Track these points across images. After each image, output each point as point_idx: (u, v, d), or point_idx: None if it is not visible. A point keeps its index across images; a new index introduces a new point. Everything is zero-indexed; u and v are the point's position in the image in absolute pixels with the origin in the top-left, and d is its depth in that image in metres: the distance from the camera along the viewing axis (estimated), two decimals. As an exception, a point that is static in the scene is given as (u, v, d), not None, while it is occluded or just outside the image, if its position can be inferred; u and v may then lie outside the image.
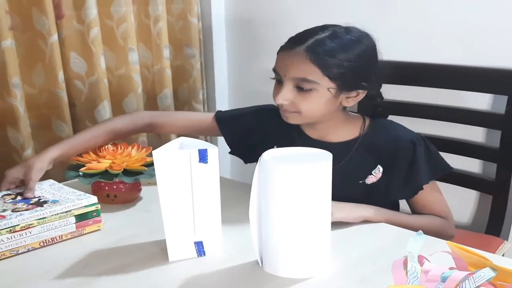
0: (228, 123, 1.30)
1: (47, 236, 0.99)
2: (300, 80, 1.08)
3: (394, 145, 1.14)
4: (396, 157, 1.14)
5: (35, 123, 1.64)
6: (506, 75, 1.42)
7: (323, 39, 1.07)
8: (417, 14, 1.59)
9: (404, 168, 1.14)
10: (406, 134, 1.16)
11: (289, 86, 1.09)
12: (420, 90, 1.57)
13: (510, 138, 1.42)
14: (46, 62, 1.59)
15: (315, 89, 1.08)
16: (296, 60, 1.07)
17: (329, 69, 1.06)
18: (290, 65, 1.09)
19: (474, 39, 1.49)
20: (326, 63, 1.06)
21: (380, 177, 1.16)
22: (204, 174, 0.91)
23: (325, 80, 1.07)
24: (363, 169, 1.16)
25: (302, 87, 1.08)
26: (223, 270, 0.90)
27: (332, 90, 1.08)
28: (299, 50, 1.07)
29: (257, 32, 1.98)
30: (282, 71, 1.10)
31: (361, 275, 0.87)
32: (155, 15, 1.85)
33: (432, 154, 1.16)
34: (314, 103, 1.09)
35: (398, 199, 1.19)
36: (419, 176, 1.13)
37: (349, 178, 1.16)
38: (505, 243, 1.43)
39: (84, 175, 1.17)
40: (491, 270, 0.68)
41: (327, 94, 1.09)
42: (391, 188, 1.16)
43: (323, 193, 0.85)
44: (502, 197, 1.46)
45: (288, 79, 1.09)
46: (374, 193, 1.16)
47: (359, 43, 1.10)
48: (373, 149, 1.15)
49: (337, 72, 1.06)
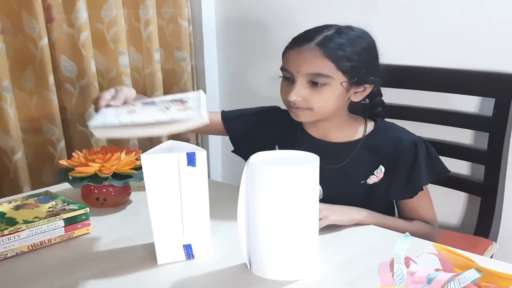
0: (234, 122, 1.32)
1: (35, 240, 0.99)
2: (314, 75, 1.10)
3: (397, 146, 1.16)
4: (398, 158, 1.15)
5: (25, 126, 1.63)
6: (494, 78, 1.44)
7: (332, 35, 1.11)
8: (406, 18, 1.60)
9: (406, 169, 1.15)
10: (408, 136, 1.18)
11: (302, 82, 1.11)
12: (408, 93, 1.58)
13: (498, 140, 1.43)
14: (36, 65, 1.59)
15: (328, 83, 1.10)
16: (309, 56, 1.10)
17: (341, 63, 1.09)
18: (303, 61, 1.10)
19: (462, 42, 1.51)
20: (338, 57, 1.08)
21: (382, 178, 1.17)
22: (192, 177, 0.91)
23: (339, 74, 1.09)
24: (365, 170, 1.17)
25: (317, 82, 1.10)
26: (212, 273, 0.90)
27: (344, 84, 1.10)
28: (310, 47, 1.10)
29: (248, 35, 1.99)
30: (294, 68, 1.12)
31: (349, 277, 0.88)
32: (145, 19, 1.85)
33: (432, 156, 1.17)
34: (327, 98, 1.11)
35: (398, 199, 1.20)
36: (420, 177, 1.15)
37: (351, 178, 1.17)
38: (494, 244, 1.44)
39: (74, 178, 1.16)
40: (476, 272, 0.68)
41: (339, 89, 1.11)
42: (391, 189, 1.17)
43: (310, 196, 0.86)
44: (491, 198, 1.47)
45: (301, 76, 1.11)
46: (374, 193, 1.17)
47: (363, 38, 1.14)
48: (375, 150, 1.17)
49: (349, 66, 1.09)
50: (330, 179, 0.88)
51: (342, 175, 1.15)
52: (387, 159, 1.16)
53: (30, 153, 1.64)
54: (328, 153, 0.88)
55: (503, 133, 1.42)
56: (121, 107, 1.02)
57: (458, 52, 1.52)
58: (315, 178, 0.86)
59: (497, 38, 1.45)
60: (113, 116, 0.93)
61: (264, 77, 1.14)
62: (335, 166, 1.16)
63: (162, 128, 0.89)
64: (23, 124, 1.62)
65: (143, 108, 0.98)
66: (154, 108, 0.97)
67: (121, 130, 0.90)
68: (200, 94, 1.06)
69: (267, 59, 1.20)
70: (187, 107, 0.94)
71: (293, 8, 1.82)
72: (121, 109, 0.99)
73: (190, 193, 0.92)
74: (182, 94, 1.09)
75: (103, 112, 0.99)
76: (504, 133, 1.42)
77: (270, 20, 1.90)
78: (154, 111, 0.93)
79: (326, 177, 0.85)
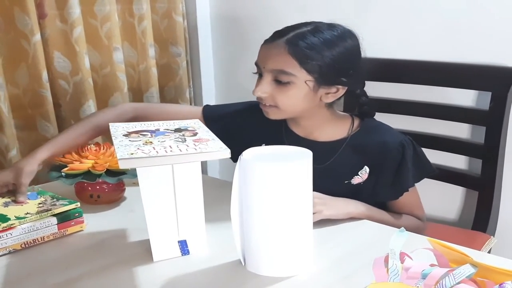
0: (216, 121, 1.28)
1: (28, 237, 0.98)
2: (278, 72, 1.08)
3: (383, 147, 1.14)
4: (385, 159, 1.14)
5: (19, 123, 1.62)
6: (490, 71, 1.43)
7: (304, 33, 1.08)
8: (401, 11, 1.59)
9: (392, 170, 1.14)
10: (395, 136, 1.16)
11: (268, 78, 1.10)
12: (405, 87, 1.58)
13: (494, 134, 1.43)
14: (29, 62, 1.57)
15: (292, 82, 1.08)
16: (275, 52, 1.08)
17: (306, 62, 1.06)
18: (268, 57, 1.09)
19: (458, 36, 1.50)
20: (304, 55, 1.06)
21: (366, 178, 1.15)
22: (186, 173, 0.91)
23: (303, 73, 1.07)
24: (350, 169, 1.16)
25: (280, 80, 1.08)
26: (207, 269, 0.90)
27: (309, 83, 1.08)
28: (279, 43, 1.08)
29: (243, 30, 1.98)
30: (261, 63, 1.11)
31: (344, 272, 0.87)
32: (139, 14, 1.84)
33: (419, 157, 1.16)
34: (291, 96, 1.09)
35: (384, 200, 1.19)
36: (407, 178, 1.14)
37: (335, 178, 1.15)
38: (492, 238, 1.44)
39: (67, 175, 1.16)
40: (471, 267, 0.68)
41: (304, 88, 1.08)
42: (378, 189, 1.16)
43: (304, 191, 0.85)
44: (488, 193, 1.47)
45: (267, 72, 1.10)
46: (359, 194, 1.15)
47: (341, 39, 1.10)
48: (361, 150, 1.15)
49: (315, 65, 1.06)
50: (314, 179, 0.87)
51: (326, 175, 1.13)
52: (373, 160, 1.14)
53: (25, 150, 1.62)
54: (313, 152, 0.87)
55: (500, 127, 1.42)
56: (137, 139, 0.97)
57: (455, 46, 1.51)
58: (308, 174, 0.85)
59: (494, 32, 1.44)
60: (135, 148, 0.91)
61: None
62: (320, 165, 1.14)
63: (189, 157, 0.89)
64: (17, 121, 1.61)
65: (157, 139, 0.97)
66: (171, 140, 0.96)
67: (150, 160, 0.88)
68: (199, 123, 1.08)
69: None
70: (203, 138, 0.96)
71: (287, 2, 1.81)
72: (139, 142, 0.96)
73: (184, 189, 0.91)
74: (179, 121, 1.09)
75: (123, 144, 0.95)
76: (501, 127, 1.42)
77: (265, 14, 1.89)
78: (173, 143, 0.93)
79: None
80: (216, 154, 0.89)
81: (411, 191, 1.16)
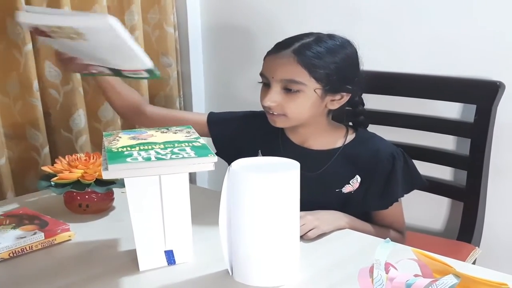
0: (217, 126, 1.33)
1: (16, 246, 0.98)
2: (287, 81, 1.11)
3: (375, 157, 1.16)
4: (375, 169, 1.16)
5: (9, 132, 1.62)
6: (475, 84, 1.46)
7: (309, 43, 1.12)
8: (389, 26, 1.61)
9: (382, 180, 1.16)
10: (387, 147, 1.19)
11: (277, 88, 1.13)
12: (392, 99, 1.60)
13: (479, 146, 1.45)
14: (20, 71, 1.57)
15: (302, 90, 1.11)
16: (284, 62, 1.11)
17: (315, 71, 1.10)
18: (277, 68, 1.12)
19: (444, 50, 1.52)
20: (312, 64, 1.10)
21: (357, 187, 1.17)
22: (173, 183, 0.91)
23: (312, 82, 1.11)
24: (341, 178, 1.18)
25: (290, 89, 1.12)
26: (194, 279, 0.90)
27: (318, 91, 1.11)
28: (286, 53, 1.12)
29: (233, 41, 1.99)
30: (269, 73, 1.14)
31: (329, 282, 0.88)
32: (131, 25, 1.84)
33: (410, 169, 1.19)
34: (300, 104, 1.12)
35: (373, 210, 1.21)
36: (396, 189, 1.16)
37: (326, 186, 1.17)
38: (477, 249, 1.45)
39: (56, 185, 1.16)
40: (454, 277, 0.69)
41: (313, 96, 1.12)
42: (367, 199, 1.18)
43: (292, 202, 0.86)
44: (473, 203, 1.49)
45: (276, 81, 1.13)
46: (349, 203, 1.17)
47: (342, 47, 1.15)
48: (353, 160, 1.17)
49: (323, 74, 1.10)
50: (306, 187, 0.88)
51: (318, 183, 1.15)
52: (364, 169, 1.17)
53: (14, 159, 1.62)
54: (306, 160, 0.89)
55: (485, 139, 1.44)
56: None
57: (440, 59, 1.53)
58: (295, 185, 0.86)
59: (479, 45, 1.46)
60: None
61: (249, 82, 1.16)
62: (312, 173, 1.17)
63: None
64: (7, 129, 1.61)
65: None
66: None
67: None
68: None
69: (252, 65, 1.21)
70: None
71: (278, 15, 1.83)
72: None
73: (171, 199, 0.92)
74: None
75: None
76: (485, 139, 1.44)
77: (256, 26, 1.91)
78: None
79: (302, 184, 0.86)
80: (201, 166, 0.89)
81: (396, 204, 1.17)
